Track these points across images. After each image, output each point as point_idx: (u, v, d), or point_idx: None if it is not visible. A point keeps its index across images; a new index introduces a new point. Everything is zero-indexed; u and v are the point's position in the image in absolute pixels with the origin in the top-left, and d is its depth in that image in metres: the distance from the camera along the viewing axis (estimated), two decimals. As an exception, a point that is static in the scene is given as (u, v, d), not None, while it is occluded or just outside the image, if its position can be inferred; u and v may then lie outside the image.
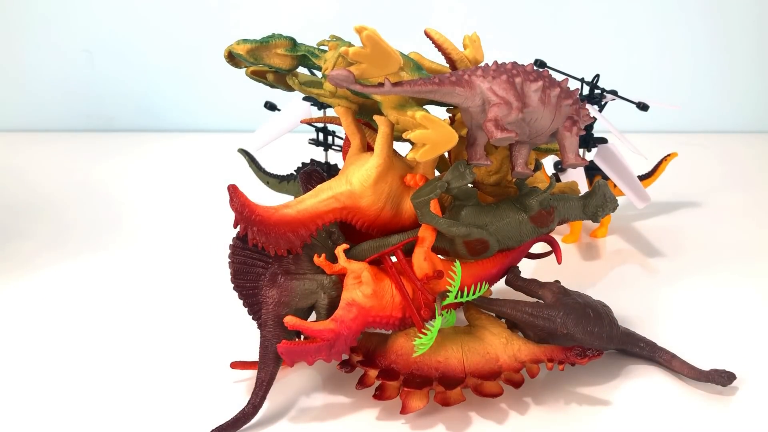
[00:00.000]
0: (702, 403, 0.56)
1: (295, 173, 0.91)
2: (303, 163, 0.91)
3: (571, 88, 0.55)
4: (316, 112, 0.88)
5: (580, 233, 0.89)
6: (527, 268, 0.61)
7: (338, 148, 0.89)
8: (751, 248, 0.87)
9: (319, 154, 0.92)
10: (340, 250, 0.54)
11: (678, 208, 1.01)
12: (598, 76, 0.84)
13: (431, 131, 0.50)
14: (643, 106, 0.82)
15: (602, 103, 0.86)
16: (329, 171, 0.88)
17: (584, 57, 1.41)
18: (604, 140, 0.85)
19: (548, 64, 0.83)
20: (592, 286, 0.76)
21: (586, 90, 0.85)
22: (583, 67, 0.90)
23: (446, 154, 0.61)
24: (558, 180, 0.81)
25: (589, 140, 0.85)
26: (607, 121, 0.81)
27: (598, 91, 0.85)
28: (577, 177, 0.83)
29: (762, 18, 1.46)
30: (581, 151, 0.84)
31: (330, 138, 0.89)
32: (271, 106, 0.91)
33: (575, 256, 0.85)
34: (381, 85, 0.48)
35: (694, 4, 1.44)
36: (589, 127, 0.85)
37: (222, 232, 0.67)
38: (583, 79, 0.84)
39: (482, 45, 0.60)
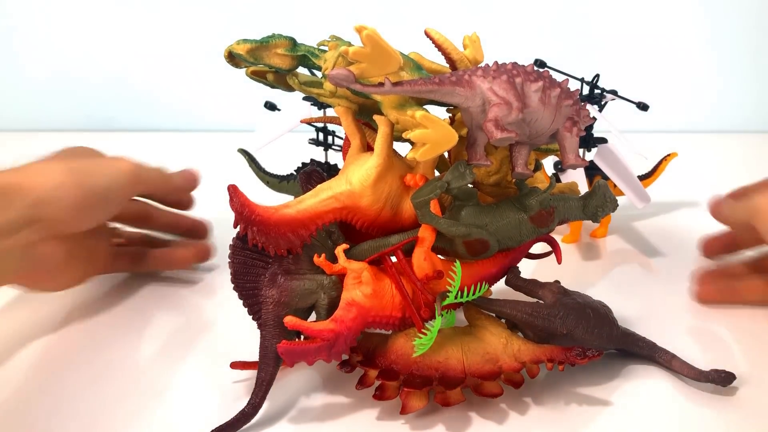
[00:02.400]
0: (702, 404, 0.56)
1: (295, 173, 0.91)
2: (303, 163, 0.91)
3: (572, 89, 0.55)
4: (316, 112, 0.88)
5: (580, 233, 0.89)
6: (527, 269, 0.61)
7: (338, 148, 0.89)
8: (751, 248, 0.86)
9: (319, 154, 0.92)
10: (340, 250, 0.54)
11: (678, 208, 1.01)
12: (597, 76, 0.84)
13: (431, 131, 0.50)
14: (643, 106, 0.82)
15: (602, 103, 0.86)
16: (329, 171, 0.88)
17: (584, 57, 1.41)
18: (604, 140, 0.85)
19: (548, 64, 0.83)
20: (592, 286, 0.76)
21: (586, 90, 0.85)
22: (583, 67, 0.90)
23: (446, 155, 0.61)
24: (558, 180, 0.81)
25: (589, 140, 0.85)
26: (607, 120, 0.81)
27: (598, 91, 0.85)
28: (577, 177, 0.83)
29: (762, 18, 1.45)
30: (581, 151, 0.84)
31: (330, 138, 0.89)
32: (271, 106, 0.91)
33: (575, 256, 0.85)
34: (381, 84, 0.48)
35: (694, 4, 1.44)
36: (589, 127, 0.85)
37: (222, 232, 0.67)
38: (583, 79, 0.84)
39: (482, 45, 0.60)
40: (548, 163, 1.09)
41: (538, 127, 0.53)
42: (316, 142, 0.90)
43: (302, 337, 0.55)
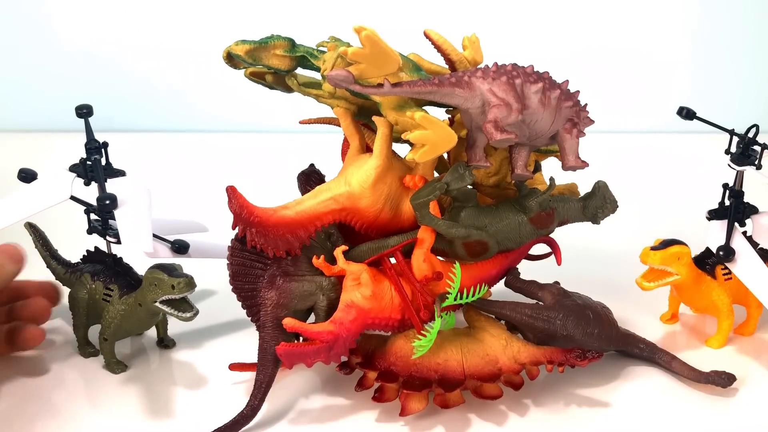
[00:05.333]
0: (702, 405, 0.56)
1: (81, 262, 0.67)
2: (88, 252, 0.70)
3: (571, 90, 0.54)
4: (80, 185, 0.67)
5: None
6: (527, 270, 0.61)
7: (114, 240, 0.65)
8: (752, 249, 0.86)
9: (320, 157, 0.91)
10: (339, 252, 0.54)
11: (677, 208, 1.01)
12: (755, 127, 0.66)
13: (430, 132, 0.50)
14: None
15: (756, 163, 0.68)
16: (115, 263, 0.66)
17: (585, 57, 1.41)
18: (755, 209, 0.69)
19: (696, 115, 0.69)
20: (592, 287, 0.76)
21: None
22: (583, 67, 0.90)
23: (445, 156, 0.61)
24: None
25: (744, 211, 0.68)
26: None
27: (757, 147, 0.66)
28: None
29: (762, 18, 1.45)
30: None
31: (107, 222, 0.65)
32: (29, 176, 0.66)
33: (575, 258, 0.84)
34: (380, 85, 0.48)
35: (694, 4, 1.44)
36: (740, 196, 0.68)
37: (220, 234, 0.67)
38: (732, 131, 0.68)
39: (482, 46, 0.60)
40: (548, 165, 1.09)
41: (538, 128, 0.53)
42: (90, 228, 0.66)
43: (301, 338, 0.54)
